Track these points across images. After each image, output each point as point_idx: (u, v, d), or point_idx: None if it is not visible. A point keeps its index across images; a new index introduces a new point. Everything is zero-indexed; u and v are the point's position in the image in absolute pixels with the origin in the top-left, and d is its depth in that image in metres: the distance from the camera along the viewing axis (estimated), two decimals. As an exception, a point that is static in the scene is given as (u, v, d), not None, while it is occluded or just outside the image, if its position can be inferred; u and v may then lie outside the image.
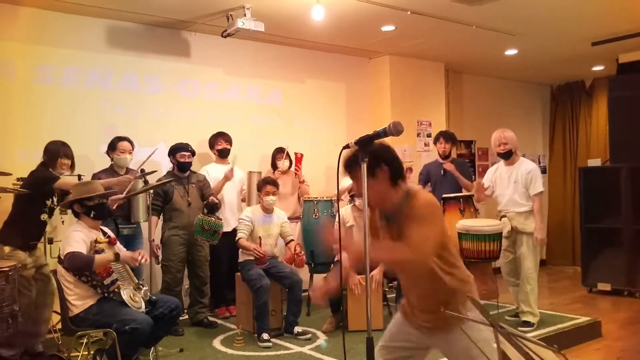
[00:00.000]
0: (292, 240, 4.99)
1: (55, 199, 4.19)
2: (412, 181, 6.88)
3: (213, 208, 4.77)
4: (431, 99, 7.42)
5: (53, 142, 4.23)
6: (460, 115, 8.15)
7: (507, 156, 4.82)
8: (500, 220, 4.82)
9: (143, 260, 3.61)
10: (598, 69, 8.17)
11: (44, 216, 4.11)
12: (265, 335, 4.49)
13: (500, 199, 4.88)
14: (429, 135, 7.30)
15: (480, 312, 1.48)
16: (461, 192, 5.58)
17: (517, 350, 1.30)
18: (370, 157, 2.20)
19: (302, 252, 4.93)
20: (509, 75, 8.58)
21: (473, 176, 5.94)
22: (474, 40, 6.47)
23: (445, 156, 5.76)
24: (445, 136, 5.81)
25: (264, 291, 4.56)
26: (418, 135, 7.26)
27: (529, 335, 4.35)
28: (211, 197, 4.95)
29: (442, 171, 5.70)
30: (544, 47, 6.88)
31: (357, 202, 4.89)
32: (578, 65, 7.92)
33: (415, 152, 7.21)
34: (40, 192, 4.00)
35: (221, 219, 4.78)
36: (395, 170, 2.35)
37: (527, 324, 4.68)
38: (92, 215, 3.57)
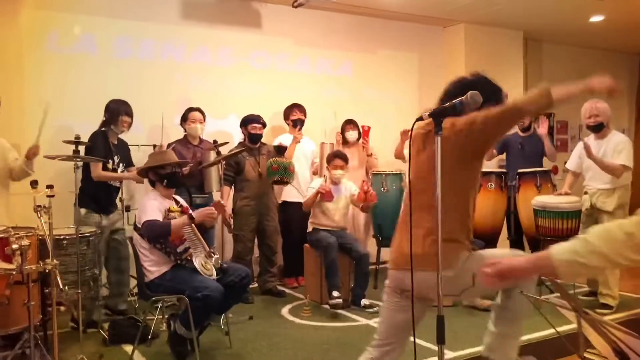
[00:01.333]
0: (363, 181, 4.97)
1: (117, 161, 4.32)
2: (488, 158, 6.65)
3: (281, 150, 4.92)
4: (508, 69, 7.10)
5: (114, 100, 4.35)
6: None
7: (598, 129, 4.53)
8: (583, 197, 4.58)
9: (217, 215, 3.68)
10: (694, 35, 7.55)
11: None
12: (335, 293, 4.51)
13: (586, 173, 4.62)
14: (505, 107, 6.99)
15: (562, 296, 1.40)
16: (539, 167, 5.33)
17: (602, 337, 1.22)
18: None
19: (371, 188, 4.85)
20: (592, 44, 8.08)
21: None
22: (556, 6, 6.12)
23: (524, 129, 5.50)
24: None
25: (331, 248, 4.58)
26: (494, 107, 6.97)
27: (606, 318, 4.17)
28: (280, 142, 5.04)
29: (519, 145, 5.46)
30: (633, 12, 6.40)
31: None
32: (671, 32, 7.35)
33: (490, 125, 6.93)
34: (96, 154, 4.12)
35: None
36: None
37: (605, 306, 4.46)
38: (165, 183, 3.66)
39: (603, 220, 4.48)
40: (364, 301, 4.68)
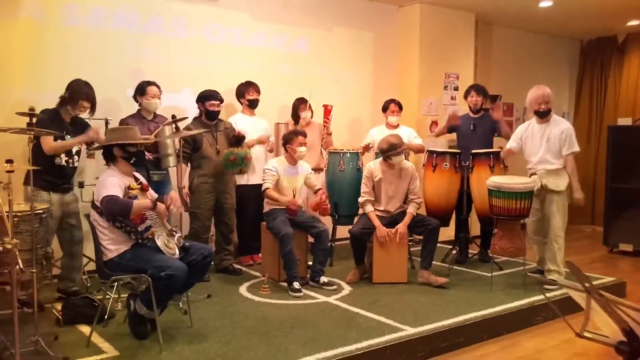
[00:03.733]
0: (320, 189, 4.97)
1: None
2: (437, 133, 6.79)
3: (239, 140, 4.82)
4: (460, 51, 7.22)
5: (77, 80, 4.13)
6: (487, 69, 7.96)
7: (545, 115, 4.71)
8: (530, 177, 4.75)
9: (174, 209, 3.60)
10: (634, 24, 7.89)
11: (58, 160, 4.05)
12: (296, 284, 4.51)
13: (532, 157, 4.80)
14: (455, 89, 7.15)
15: (577, 277, 1.44)
16: (490, 148, 5.49)
17: (612, 317, 1.26)
18: None
19: (327, 202, 4.90)
20: (539, 29, 8.32)
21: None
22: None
23: (477, 110, 5.63)
24: (477, 89, 5.66)
25: (287, 239, 4.56)
26: (445, 88, 7.11)
27: (554, 293, 4.38)
28: (237, 130, 4.95)
29: (471, 126, 5.59)
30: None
31: (395, 160, 4.79)
32: (612, 20, 7.65)
33: (442, 106, 7.07)
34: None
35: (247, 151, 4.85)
36: None
37: (552, 282, 4.67)
38: (132, 161, 3.54)
39: (553, 200, 4.69)
40: (323, 278, 4.71)
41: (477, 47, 7.57)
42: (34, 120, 3.56)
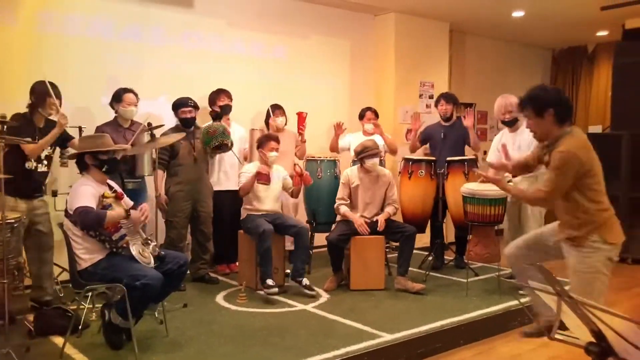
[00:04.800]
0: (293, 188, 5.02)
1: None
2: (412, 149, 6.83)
3: (218, 115, 4.89)
4: (435, 60, 7.31)
5: (38, 82, 4.04)
6: (462, 78, 8.07)
7: (512, 123, 4.80)
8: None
9: (145, 219, 3.55)
10: (602, 34, 8.09)
11: (29, 164, 3.98)
12: (270, 281, 4.48)
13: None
14: (431, 97, 7.22)
15: (547, 280, 1.47)
16: (462, 155, 5.55)
17: (582, 319, 1.29)
18: (537, 101, 2.99)
19: (305, 171, 4.93)
20: (512, 38, 8.47)
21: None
22: (482, 0, 6.35)
23: (447, 118, 5.69)
24: (447, 97, 5.71)
25: (267, 235, 4.53)
26: (420, 96, 7.18)
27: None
28: (213, 109, 5.04)
29: (442, 134, 5.63)
30: (551, 10, 6.77)
31: (369, 163, 4.84)
32: (582, 30, 7.84)
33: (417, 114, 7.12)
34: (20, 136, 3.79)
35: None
36: (560, 112, 2.98)
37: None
38: (104, 169, 3.49)
39: (528, 206, 4.75)
40: (305, 280, 4.67)
41: (451, 55, 7.68)
42: (5, 127, 3.49)
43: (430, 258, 5.68)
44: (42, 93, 3.99)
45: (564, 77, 9.11)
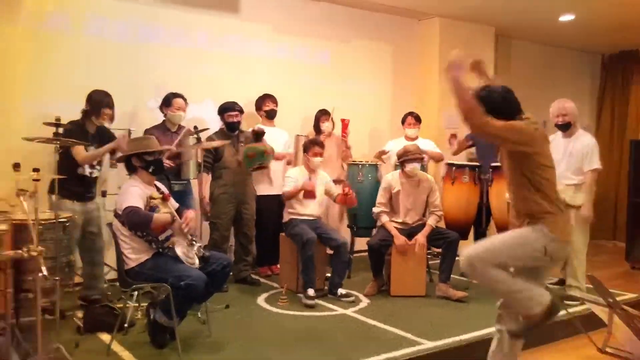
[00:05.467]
0: (339, 194, 5.00)
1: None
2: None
3: (258, 135, 4.88)
4: (479, 64, 7.20)
5: (97, 91, 4.22)
6: (508, 82, 7.81)
7: (566, 128, 4.69)
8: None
9: (187, 230, 3.60)
10: (655, 38, 7.83)
11: (81, 170, 4.12)
12: (310, 291, 4.52)
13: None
14: (475, 102, 7.12)
15: (599, 292, 1.43)
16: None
17: (635, 331, 1.25)
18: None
19: (351, 191, 4.90)
20: (559, 43, 8.28)
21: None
22: (530, 4, 6.24)
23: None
24: None
25: (310, 244, 4.57)
26: (465, 101, 7.08)
27: (575, 309, 4.32)
28: (257, 126, 5.00)
29: (490, 139, 5.54)
30: (602, 13, 6.59)
31: (409, 167, 4.82)
32: (634, 33, 7.57)
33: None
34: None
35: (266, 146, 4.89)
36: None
37: (572, 298, 4.61)
38: (150, 170, 3.59)
39: (571, 215, 4.63)
40: (341, 290, 4.71)
41: (497, 60, 7.55)
42: (60, 130, 3.63)
43: (472, 265, 5.58)
44: (97, 102, 4.14)
45: (614, 83, 8.84)
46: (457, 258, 4.85)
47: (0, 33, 4.62)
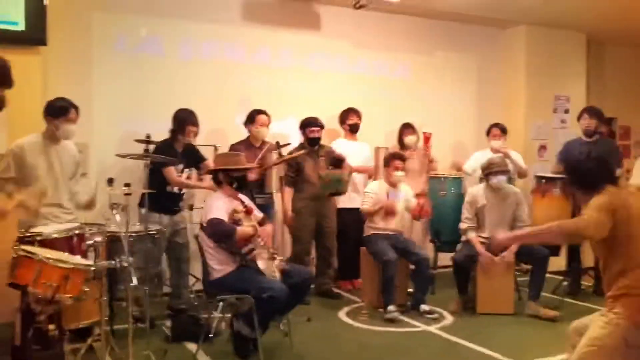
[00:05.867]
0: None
1: (182, 168, 4.35)
2: (547, 160, 6.51)
3: (337, 161, 4.91)
4: (570, 72, 6.91)
5: (181, 109, 4.40)
6: (602, 91, 7.51)
7: None
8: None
9: (264, 244, 3.67)
10: None
11: (169, 187, 4.31)
12: (391, 307, 4.47)
13: None
14: (566, 112, 6.83)
15: None
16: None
17: None
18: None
19: (426, 204, 4.84)
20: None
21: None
22: (624, 7, 5.90)
23: (590, 134, 5.31)
24: (590, 111, 5.32)
25: (391, 265, 4.52)
26: (554, 111, 6.81)
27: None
28: (337, 153, 5.05)
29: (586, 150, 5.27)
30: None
31: (494, 180, 4.67)
32: None
33: (551, 129, 6.78)
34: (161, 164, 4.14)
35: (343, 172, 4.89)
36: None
37: None
38: (234, 185, 3.70)
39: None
40: (424, 306, 4.61)
41: (589, 67, 7.19)
42: (150, 147, 3.82)
43: (565, 283, 5.31)
44: (182, 121, 4.33)
45: None
46: (546, 274, 4.63)
47: (99, 58, 4.94)
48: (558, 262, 5.47)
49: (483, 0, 5.79)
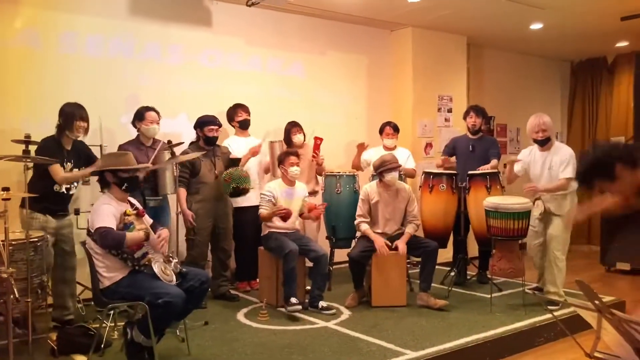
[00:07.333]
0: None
1: (70, 168, 4.10)
2: (432, 157, 6.84)
3: (233, 162, 4.89)
4: (452, 73, 7.29)
5: (69, 104, 4.13)
6: (480, 91, 8.02)
7: (544, 143, 4.73)
8: (534, 203, 4.74)
9: (162, 248, 3.53)
10: (622, 45, 8.00)
11: (57, 187, 4.03)
12: (293, 299, 4.47)
13: (537, 181, 4.78)
14: (449, 111, 7.20)
15: (587, 296, 1.42)
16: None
17: (625, 336, 1.24)
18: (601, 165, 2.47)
19: (320, 207, 4.96)
20: (530, 51, 8.42)
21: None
22: (501, 13, 6.33)
23: (475, 131, 5.64)
24: (476, 110, 5.66)
25: (292, 256, 4.52)
26: (439, 110, 7.16)
27: (557, 313, 4.34)
28: (232, 155, 5.02)
29: (470, 147, 5.59)
30: (570, 22, 6.72)
31: (388, 177, 4.81)
32: (602, 41, 7.75)
33: (436, 128, 7.11)
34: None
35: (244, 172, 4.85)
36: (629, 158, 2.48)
37: (552, 303, 4.64)
38: (124, 187, 3.50)
39: (554, 223, 4.69)
40: (322, 303, 4.66)
41: (469, 69, 7.64)
42: (30, 147, 3.54)
43: (452, 274, 5.60)
44: (70, 115, 4.05)
45: (584, 89, 9.01)
46: (435, 266, 4.85)
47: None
48: (445, 254, 5.76)
49: (370, 2, 5.94)
